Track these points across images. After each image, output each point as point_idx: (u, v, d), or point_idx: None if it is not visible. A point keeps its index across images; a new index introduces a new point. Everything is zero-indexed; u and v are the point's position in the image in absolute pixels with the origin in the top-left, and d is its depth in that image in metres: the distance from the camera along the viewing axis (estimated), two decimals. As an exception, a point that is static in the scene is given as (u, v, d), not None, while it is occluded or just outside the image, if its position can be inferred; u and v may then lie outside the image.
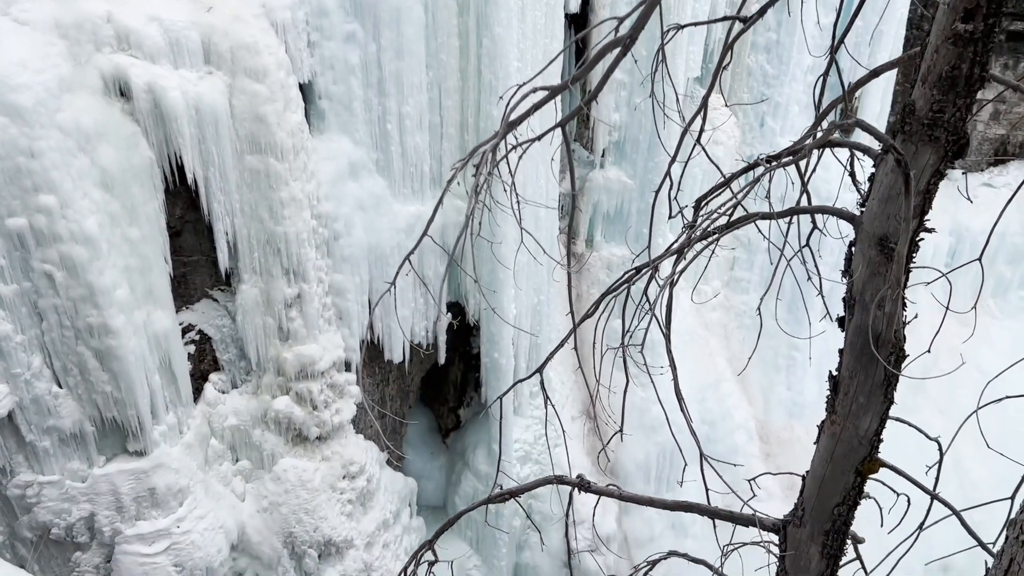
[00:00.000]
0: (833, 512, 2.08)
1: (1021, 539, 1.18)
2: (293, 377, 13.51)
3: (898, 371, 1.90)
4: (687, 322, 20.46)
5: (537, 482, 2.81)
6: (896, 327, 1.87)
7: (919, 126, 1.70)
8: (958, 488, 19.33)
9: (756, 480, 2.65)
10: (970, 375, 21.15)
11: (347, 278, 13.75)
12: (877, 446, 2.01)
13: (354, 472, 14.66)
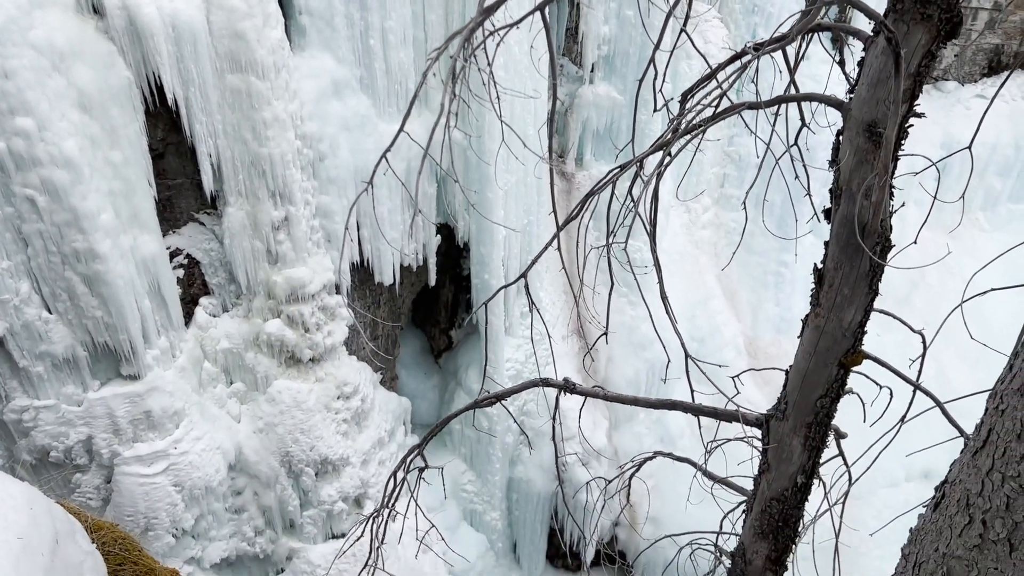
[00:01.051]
0: (816, 405, 2.10)
1: (1000, 408, 1.18)
2: (284, 300, 13.52)
3: (884, 261, 1.89)
4: (677, 241, 20.48)
5: (523, 385, 2.84)
6: (882, 216, 1.85)
7: (911, 3, 1.64)
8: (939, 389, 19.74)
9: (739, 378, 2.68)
10: (957, 288, 21.37)
11: (334, 200, 13.62)
12: (861, 338, 2.02)
13: (348, 392, 14.83)
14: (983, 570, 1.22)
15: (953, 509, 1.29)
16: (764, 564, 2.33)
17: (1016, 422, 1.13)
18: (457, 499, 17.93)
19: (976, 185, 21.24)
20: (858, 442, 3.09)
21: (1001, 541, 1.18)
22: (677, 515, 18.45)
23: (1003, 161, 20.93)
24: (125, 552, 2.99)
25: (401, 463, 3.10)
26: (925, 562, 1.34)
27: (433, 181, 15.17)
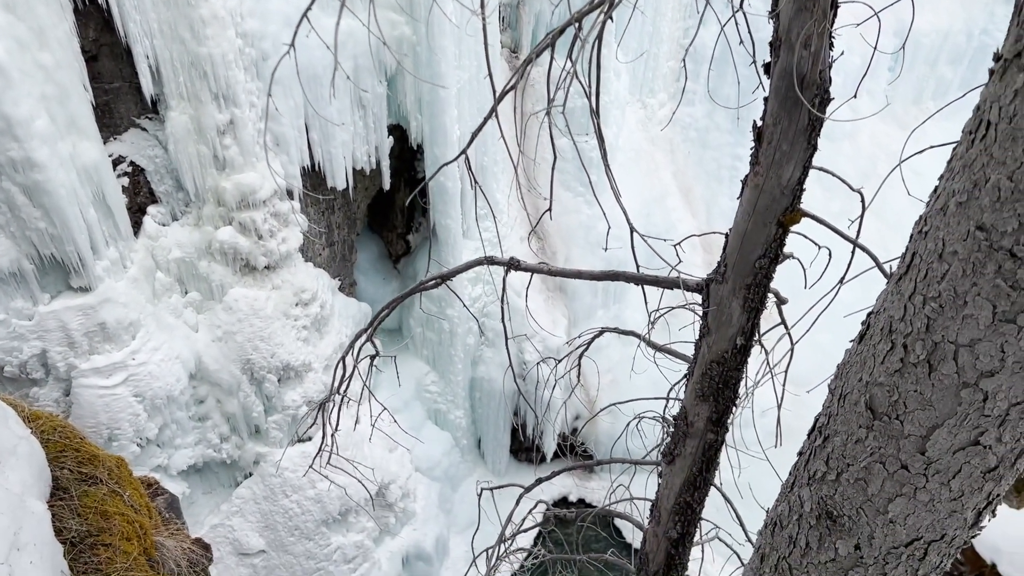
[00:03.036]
0: (755, 266, 2.10)
1: (924, 231, 1.18)
2: (234, 207, 13.23)
3: (822, 114, 1.85)
4: (633, 138, 20.33)
5: (469, 264, 2.81)
6: (821, 67, 1.81)
7: None
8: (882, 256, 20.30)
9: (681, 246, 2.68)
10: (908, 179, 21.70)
11: (280, 102, 13.17)
12: (799, 196, 2.00)
13: (306, 299, 14.74)
14: (903, 393, 1.24)
15: (876, 338, 1.31)
16: (705, 425, 2.38)
17: (938, 242, 1.13)
18: (421, 400, 18.21)
19: (927, 75, 21.26)
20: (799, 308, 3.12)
21: (921, 363, 1.20)
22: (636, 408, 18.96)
23: (954, 49, 20.90)
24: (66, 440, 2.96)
25: (349, 348, 3.08)
26: (849, 393, 1.36)
27: (383, 80, 14.72)
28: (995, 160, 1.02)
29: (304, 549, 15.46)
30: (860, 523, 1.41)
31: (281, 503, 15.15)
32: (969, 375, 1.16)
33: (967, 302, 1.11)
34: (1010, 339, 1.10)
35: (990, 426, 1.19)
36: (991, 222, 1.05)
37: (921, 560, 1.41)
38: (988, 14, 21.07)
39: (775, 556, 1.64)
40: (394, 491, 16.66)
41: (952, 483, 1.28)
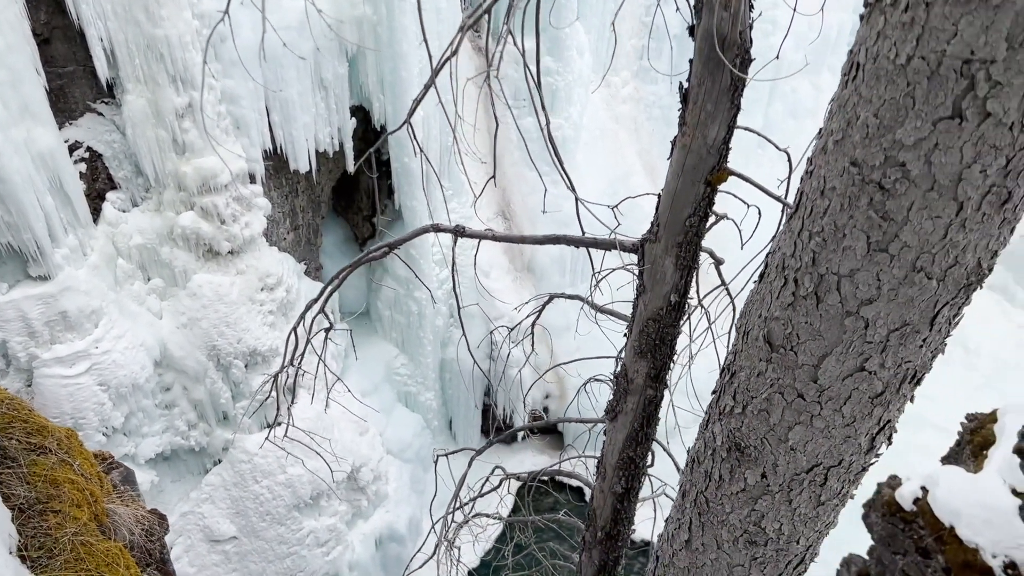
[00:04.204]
0: (685, 224, 2.17)
1: (809, 171, 1.24)
2: (196, 191, 13.09)
3: (743, 74, 1.92)
4: (598, 117, 20.38)
5: (415, 232, 2.84)
6: (741, 28, 1.86)
7: None
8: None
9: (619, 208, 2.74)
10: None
11: (239, 83, 13.02)
12: (726, 155, 2.07)
13: (272, 284, 14.66)
14: (795, 325, 1.31)
15: (772, 275, 1.38)
16: (644, 381, 2.45)
17: (820, 179, 1.20)
18: (391, 382, 18.22)
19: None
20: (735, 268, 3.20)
21: (809, 295, 1.27)
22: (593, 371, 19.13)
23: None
24: (14, 412, 2.95)
25: (299, 319, 3.10)
26: (751, 329, 1.43)
27: (344, 61, 14.59)
28: (863, 99, 1.09)
29: (276, 534, 15.46)
30: (765, 452, 1.48)
31: (252, 489, 15.12)
32: (851, 304, 1.23)
33: (845, 234, 1.18)
34: (884, 268, 1.17)
35: (873, 352, 1.27)
36: (862, 157, 1.11)
37: (822, 486, 1.49)
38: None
39: (694, 492, 1.72)
40: (366, 474, 16.70)
41: (844, 409, 1.36)
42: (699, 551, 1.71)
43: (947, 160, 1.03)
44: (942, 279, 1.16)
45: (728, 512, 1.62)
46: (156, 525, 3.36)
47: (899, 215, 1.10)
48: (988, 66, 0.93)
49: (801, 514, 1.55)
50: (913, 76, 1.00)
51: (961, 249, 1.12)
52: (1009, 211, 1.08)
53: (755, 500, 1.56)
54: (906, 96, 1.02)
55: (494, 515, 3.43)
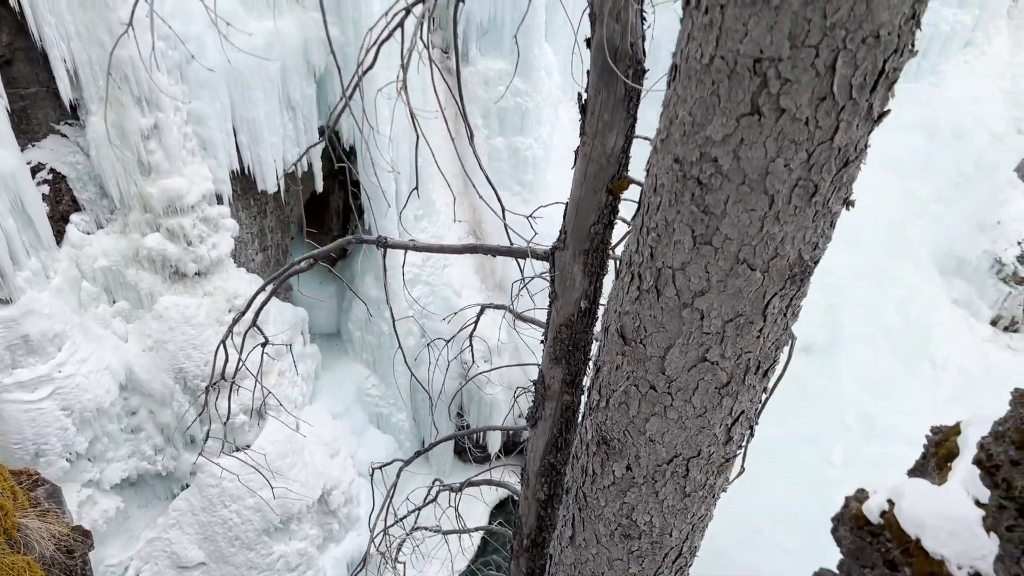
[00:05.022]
0: (590, 231, 2.22)
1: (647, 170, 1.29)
2: (162, 213, 13.03)
3: (637, 85, 1.98)
4: (567, 136, 20.56)
5: (339, 242, 2.87)
6: (633, 39, 1.92)
7: None
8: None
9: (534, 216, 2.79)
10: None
11: (206, 104, 13.02)
12: (625, 164, 2.12)
13: (240, 306, 14.57)
14: (642, 319, 1.36)
15: (624, 271, 1.43)
16: (561, 388, 2.49)
17: (653, 177, 1.25)
18: (362, 404, 18.13)
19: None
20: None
21: (651, 289, 1.32)
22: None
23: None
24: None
25: (227, 332, 3.11)
26: (609, 325, 1.48)
27: (312, 82, 14.65)
28: (680, 98, 1.14)
29: (246, 559, 15.26)
30: (627, 445, 1.52)
31: (220, 513, 14.94)
32: (686, 296, 1.28)
33: (675, 229, 1.23)
34: (711, 260, 1.22)
35: (713, 343, 1.32)
36: (682, 154, 1.16)
37: (685, 477, 1.53)
38: None
39: (575, 488, 1.75)
40: (337, 497, 16.56)
41: (694, 400, 1.40)
42: (582, 547, 1.74)
43: (753, 155, 1.08)
44: (766, 271, 1.21)
45: (603, 506, 1.65)
46: (78, 542, 3.32)
47: (717, 208, 1.15)
48: (777, 64, 0.98)
49: (669, 506, 1.58)
50: (716, 75, 1.05)
51: (779, 241, 1.17)
52: (819, 203, 1.14)
53: (624, 493, 1.60)
54: (712, 94, 1.07)
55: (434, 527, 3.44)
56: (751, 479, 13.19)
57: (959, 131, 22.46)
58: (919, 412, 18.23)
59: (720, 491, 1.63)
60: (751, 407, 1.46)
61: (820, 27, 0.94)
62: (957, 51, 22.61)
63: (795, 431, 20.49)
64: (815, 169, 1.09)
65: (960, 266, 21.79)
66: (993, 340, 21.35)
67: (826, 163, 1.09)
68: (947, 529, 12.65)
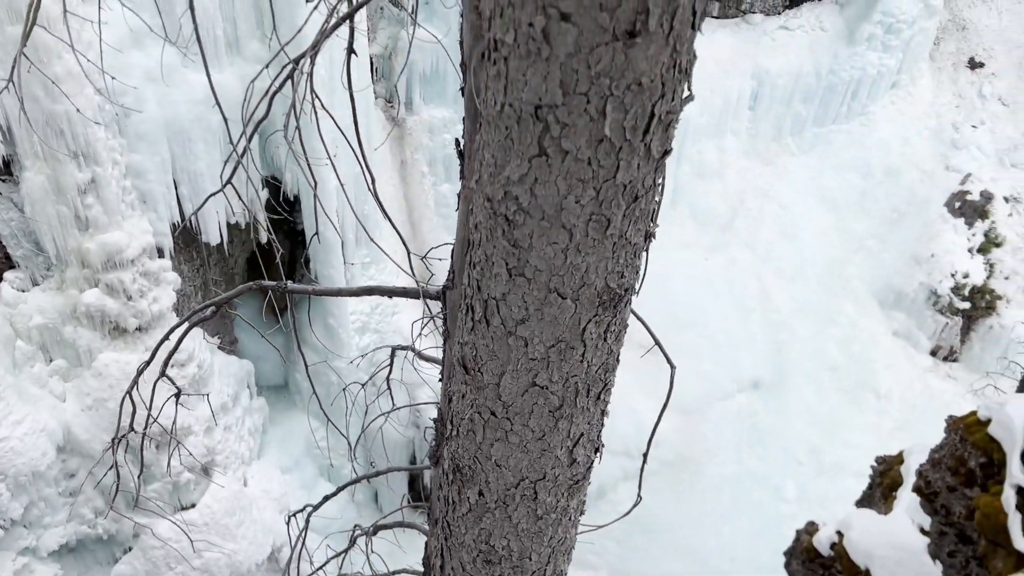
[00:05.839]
0: (477, 270, 2.30)
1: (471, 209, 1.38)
2: (100, 268, 12.85)
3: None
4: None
5: (239, 289, 2.91)
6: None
7: None
8: (763, 305, 21.32)
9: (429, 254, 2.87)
10: (774, 211, 22.99)
11: (146, 158, 12.97)
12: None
13: (182, 360, 14.35)
14: (478, 348, 1.44)
15: (462, 305, 1.51)
16: (458, 425, 2.55)
17: (475, 215, 1.34)
18: (312, 457, 17.85)
19: (784, 112, 22.74)
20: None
21: (481, 320, 1.40)
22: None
23: (806, 88, 22.50)
24: None
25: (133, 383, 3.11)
26: (455, 356, 1.55)
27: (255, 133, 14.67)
28: (485, 142, 1.23)
29: (193, 621, 14.78)
30: (477, 471, 1.59)
31: (165, 576, 14.49)
32: (509, 325, 1.36)
33: (493, 262, 1.32)
34: (526, 290, 1.30)
35: (539, 368, 1.40)
36: (491, 193, 1.26)
37: (535, 500, 1.60)
38: (832, 55, 22.77)
39: (440, 518, 1.81)
40: (287, 553, 16.18)
41: (531, 423, 1.48)
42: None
43: (547, 193, 1.17)
44: (576, 299, 1.30)
45: (464, 533, 1.70)
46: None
47: (525, 242, 1.24)
48: (555, 110, 1.08)
49: (524, 529, 1.64)
50: (507, 121, 1.15)
51: (584, 271, 1.26)
52: (615, 236, 1.23)
53: (480, 519, 1.66)
54: (507, 138, 1.17)
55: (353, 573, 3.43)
56: (709, 520, 13.63)
57: (891, 169, 23.33)
58: (865, 444, 18.56)
59: (577, 514, 1.69)
60: (591, 429, 1.54)
61: (587, 76, 1.05)
62: (884, 93, 23.61)
63: (749, 469, 20.69)
64: (605, 204, 1.18)
65: (899, 299, 22.44)
66: (933, 370, 21.93)
67: (614, 199, 1.18)
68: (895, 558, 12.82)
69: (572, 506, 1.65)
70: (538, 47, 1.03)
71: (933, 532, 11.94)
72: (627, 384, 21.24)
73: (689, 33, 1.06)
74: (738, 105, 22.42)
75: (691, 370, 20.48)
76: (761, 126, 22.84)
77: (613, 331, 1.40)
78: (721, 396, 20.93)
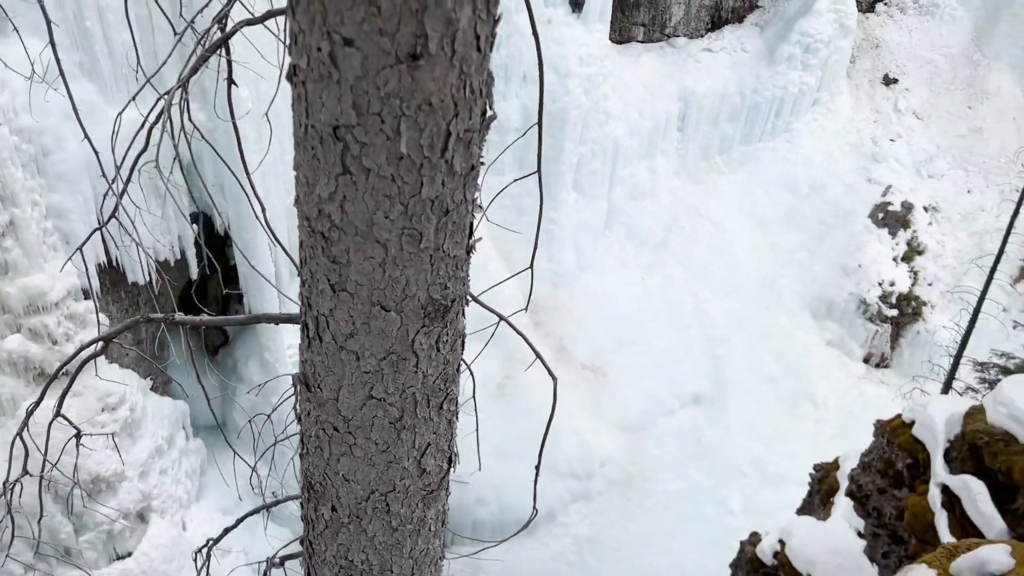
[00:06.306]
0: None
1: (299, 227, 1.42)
2: (22, 312, 12.47)
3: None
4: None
5: (127, 324, 2.89)
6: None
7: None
8: (699, 321, 21.67)
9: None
10: (706, 228, 23.51)
11: (67, 198, 12.68)
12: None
13: (113, 404, 13.98)
14: (316, 364, 1.48)
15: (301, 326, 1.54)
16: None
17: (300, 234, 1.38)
18: (252, 496, 17.42)
19: (712, 132, 23.34)
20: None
21: (316, 336, 1.44)
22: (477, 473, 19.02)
23: (732, 108, 23.16)
24: None
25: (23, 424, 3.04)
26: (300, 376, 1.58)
27: (179, 168, 14.47)
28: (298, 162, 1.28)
29: (133, 674, 14.26)
30: (328, 487, 1.61)
31: (101, 628, 13.97)
32: (340, 339, 1.40)
33: (318, 279, 1.36)
34: (351, 305, 1.34)
35: (374, 381, 1.44)
36: (308, 212, 1.30)
37: (388, 512, 1.63)
38: (755, 76, 23.50)
39: (306, 540, 1.83)
40: (230, 596, 15.74)
41: (373, 436, 1.51)
42: (319, 596, 1.80)
43: (357, 209, 1.22)
44: (401, 311, 1.34)
45: (325, 551, 1.72)
46: None
47: (343, 258, 1.28)
48: (352, 130, 1.13)
49: (380, 542, 1.67)
50: (312, 141, 1.19)
51: (405, 284, 1.31)
52: (431, 248, 1.28)
53: (336, 534, 1.68)
54: (314, 158, 1.21)
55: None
56: (658, 537, 13.61)
57: (816, 184, 24.07)
58: (805, 452, 18.94)
59: (438, 524, 1.72)
60: (438, 439, 1.58)
61: (378, 98, 1.10)
62: (806, 110, 24.42)
63: (695, 483, 20.91)
64: (415, 218, 1.23)
65: (830, 309, 23.07)
66: (867, 377, 22.54)
67: (423, 213, 1.23)
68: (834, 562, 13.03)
69: (430, 516, 1.68)
70: (328, 71, 1.09)
71: (868, 535, 12.22)
72: (570, 406, 21.38)
73: (475, 55, 1.12)
74: (667, 127, 22.94)
75: (633, 388, 20.70)
76: (690, 146, 23.40)
77: (446, 341, 1.44)
78: (664, 412, 21.16)
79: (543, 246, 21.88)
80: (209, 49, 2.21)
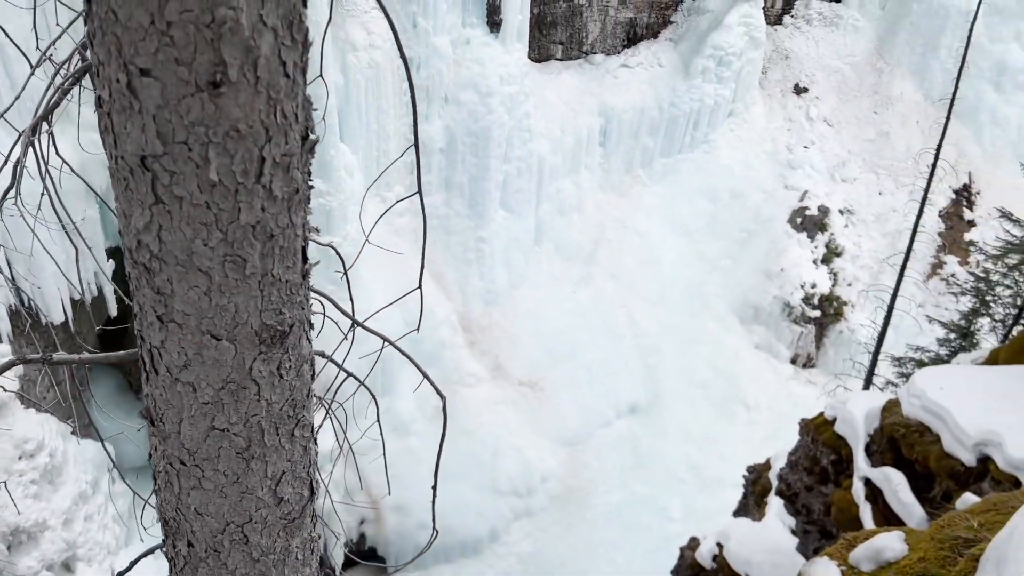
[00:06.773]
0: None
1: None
2: (-74, 361, 11.87)
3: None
4: (377, 231, 20.81)
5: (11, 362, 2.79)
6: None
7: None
8: (631, 331, 21.96)
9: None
10: (632, 240, 23.90)
11: (-31, 239, 12.15)
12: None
13: (31, 450, 13.40)
14: (156, 398, 1.45)
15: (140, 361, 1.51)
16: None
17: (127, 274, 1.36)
18: (186, 535, 16.88)
19: (633, 146, 23.80)
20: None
21: (151, 370, 1.42)
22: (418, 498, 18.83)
23: (651, 122, 23.67)
24: None
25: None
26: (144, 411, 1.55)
27: (93, 202, 14.07)
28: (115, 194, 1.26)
29: None
30: (182, 522, 1.58)
31: None
32: (175, 372, 1.38)
33: (147, 311, 1.34)
34: (181, 337, 1.33)
35: (215, 411, 1.42)
36: (128, 244, 1.29)
37: (247, 544, 1.61)
38: (672, 89, 24.07)
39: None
40: (165, 642, 15.19)
41: (220, 467, 1.49)
42: (187, 634, 1.76)
43: (174, 238, 1.21)
44: (234, 339, 1.33)
45: None
46: None
47: (167, 289, 1.27)
48: (160, 159, 1.13)
49: (243, 574, 1.64)
50: (123, 172, 1.18)
51: (235, 312, 1.30)
52: (259, 274, 1.28)
53: (196, 570, 1.65)
54: (127, 189, 1.20)
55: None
56: (601, 549, 13.69)
57: (736, 192, 24.72)
58: (739, 456, 19.30)
59: (306, 552, 1.70)
60: (293, 466, 1.56)
61: (182, 126, 1.09)
62: (723, 121, 25.11)
63: (634, 493, 21.10)
64: (237, 244, 1.23)
65: (756, 313, 23.64)
66: (795, 377, 23.15)
67: (245, 239, 1.23)
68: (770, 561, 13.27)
69: (295, 545, 1.65)
70: (129, 101, 1.08)
71: (799, 532, 12.50)
72: (510, 423, 21.37)
73: (284, 81, 1.13)
74: (589, 142, 23.30)
75: (571, 402, 20.83)
76: (613, 160, 23.80)
77: (289, 367, 1.43)
78: (601, 424, 21.35)
79: (473, 265, 21.92)
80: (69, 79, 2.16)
